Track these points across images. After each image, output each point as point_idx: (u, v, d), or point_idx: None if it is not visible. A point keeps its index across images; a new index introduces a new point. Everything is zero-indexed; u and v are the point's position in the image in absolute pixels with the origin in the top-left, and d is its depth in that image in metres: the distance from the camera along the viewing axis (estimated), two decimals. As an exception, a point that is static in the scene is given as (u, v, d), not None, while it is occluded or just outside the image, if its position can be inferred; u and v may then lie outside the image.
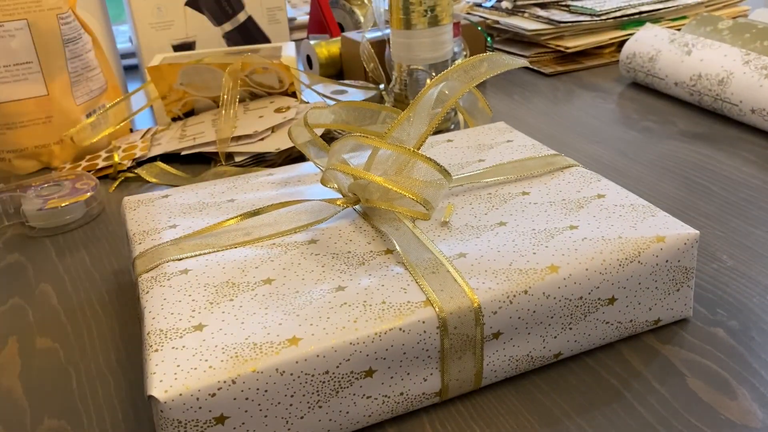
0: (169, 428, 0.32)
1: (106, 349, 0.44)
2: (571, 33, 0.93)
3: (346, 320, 0.35)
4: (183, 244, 0.42)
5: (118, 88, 0.78)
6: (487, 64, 0.47)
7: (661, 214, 0.42)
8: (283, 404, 0.33)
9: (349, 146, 0.44)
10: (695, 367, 0.39)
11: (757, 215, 0.54)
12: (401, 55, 0.70)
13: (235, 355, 0.33)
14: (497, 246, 0.40)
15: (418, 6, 0.66)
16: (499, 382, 0.39)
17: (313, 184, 0.49)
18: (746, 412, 0.36)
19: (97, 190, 0.62)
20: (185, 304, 0.37)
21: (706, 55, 0.72)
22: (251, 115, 0.71)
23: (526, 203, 0.44)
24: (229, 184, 0.50)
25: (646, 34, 0.80)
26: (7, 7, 0.65)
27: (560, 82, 0.87)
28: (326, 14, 0.99)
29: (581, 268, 0.38)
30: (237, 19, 0.90)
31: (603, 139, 0.69)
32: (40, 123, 0.69)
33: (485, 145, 0.53)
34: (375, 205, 0.42)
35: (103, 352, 0.44)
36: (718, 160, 0.63)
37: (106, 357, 0.43)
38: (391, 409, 0.36)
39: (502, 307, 0.36)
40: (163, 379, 0.32)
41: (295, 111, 0.71)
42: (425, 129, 0.43)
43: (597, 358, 0.40)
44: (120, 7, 0.93)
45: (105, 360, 0.43)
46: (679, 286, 0.41)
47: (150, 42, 0.87)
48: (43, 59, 0.67)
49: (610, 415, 0.36)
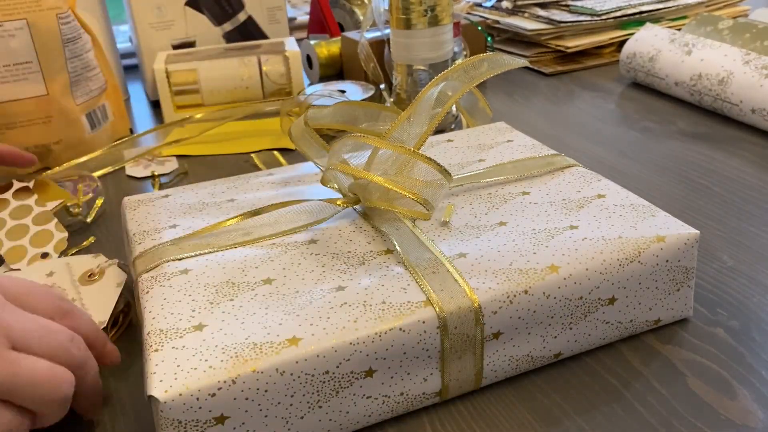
0: (169, 428, 0.32)
1: (106, 349, 0.44)
2: (571, 33, 0.93)
3: (346, 320, 0.35)
4: (183, 244, 0.42)
5: (118, 88, 0.78)
6: (487, 64, 0.47)
7: (661, 214, 0.42)
8: (283, 404, 0.33)
9: (349, 146, 0.44)
10: (695, 367, 0.39)
11: (757, 215, 0.54)
12: (401, 55, 0.69)
13: (235, 355, 0.33)
14: (497, 246, 0.40)
15: (418, 6, 0.66)
16: (499, 382, 0.39)
17: (313, 184, 0.49)
18: (746, 412, 0.36)
19: (98, 191, 0.62)
20: (185, 304, 0.37)
21: (707, 55, 0.72)
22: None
23: (527, 203, 0.44)
24: (229, 184, 0.50)
25: (646, 34, 0.80)
26: (7, 7, 0.65)
27: (560, 82, 0.87)
28: (326, 14, 0.99)
29: (581, 268, 0.38)
30: (237, 19, 0.90)
31: (603, 139, 0.69)
32: (40, 123, 0.69)
33: (485, 145, 0.53)
34: (375, 205, 0.42)
35: (103, 352, 0.44)
36: (718, 160, 0.63)
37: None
38: (391, 409, 0.36)
39: (502, 307, 0.36)
40: (163, 379, 0.32)
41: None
42: (425, 129, 0.43)
43: (597, 358, 0.40)
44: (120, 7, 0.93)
45: (105, 360, 0.43)
46: (679, 286, 0.41)
47: (150, 42, 0.87)
48: (43, 59, 0.67)
49: (610, 415, 0.36)
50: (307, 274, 0.39)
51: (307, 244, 0.41)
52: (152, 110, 0.88)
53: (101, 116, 0.75)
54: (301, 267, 0.39)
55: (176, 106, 0.80)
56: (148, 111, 0.87)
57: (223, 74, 0.80)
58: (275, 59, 0.81)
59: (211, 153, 0.72)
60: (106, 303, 0.44)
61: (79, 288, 0.46)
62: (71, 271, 0.47)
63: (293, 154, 0.70)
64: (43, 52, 0.67)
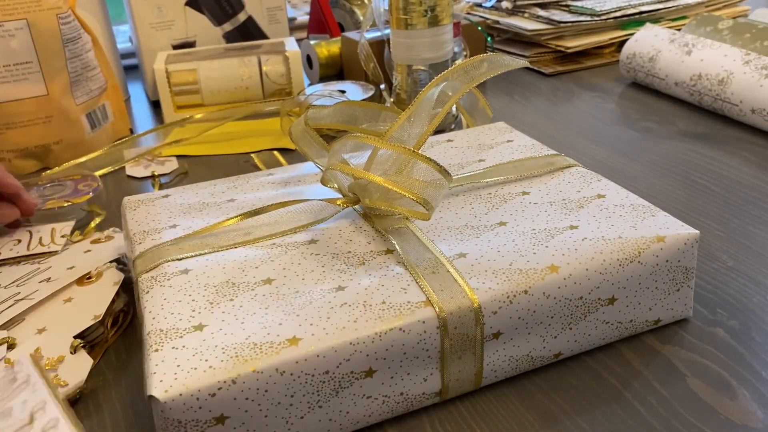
0: (169, 428, 0.32)
1: (105, 348, 0.44)
2: (571, 33, 0.93)
3: (346, 320, 0.35)
4: (183, 244, 0.42)
5: (118, 88, 0.78)
6: (487, 64, 0.47)
7: (661, 214, 0.42)
8: (283, 404, 0.33)
9: (349, 146, 0.44)
10: (695, 367, 0.39)
11: (757, 215, 0.54)
12: (401, 55, 0.69)
13: (235, 355, 0.33)
14: (497, 246, 0.40)
15: (418, 6, 0.66)
16: (499, 382, 0.39)
17: (313, 184, 0.49)
18: (746, 412, 0.36)
19: (99, 191, 0.62)
20: (185, 304, 0.37)
21: (706, 55, 0.72)
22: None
23: (526, 203, 0.44)
24: (230, 184, 0.50)
25: (646, 34, 0.80)
26: (7, 7, 0.65)
27: (560, 82, 0.87)
28: (326, 14, 0.99)
29: (581, 268, 0.38)
30: (237, 19, 0.90)
31: (603, 139, 0.69)
32: (40, 123, 0.69)
33: (485, 145, 0.53)
34: (375, 205, 0.42)
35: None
36: (718, 160, 0.63)
37: (106, 357, 0.43)
38: (391, 409, 0.36)
39: (502, 307, 0.36)
40: (163, 379, 0.32)
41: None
42: (425, 129, 0.43)
43: (597, 358, 0.40)
44: (120, 7, 0.93)
45: (105, 360, 0.43)
46: (679, 286, 0.41)
47: (150, 42, 0.87)
48: (43, 59, 0.67)
49: (610, 415, 0.36)
50: (307, 274, 0.39)
51: (307, 244, 0.41)
52: (152, 110, 0.88)
53: (101, 116, 0.75)
54: (301, 267, 0.39)
55: (176, 106, 0.80)
56: (148, 111, 0.87)
57: (223, 74, 0.80)
58: (275, 59, 0.81)
59: (211, 153, 0.72)
60: (102, 299, 0.44)
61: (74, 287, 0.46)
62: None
63: (293, 154, 0.70)
64: (43, 52, 0.67)
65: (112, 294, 0.45)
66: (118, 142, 0.73)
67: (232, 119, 0.76)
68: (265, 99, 0.82)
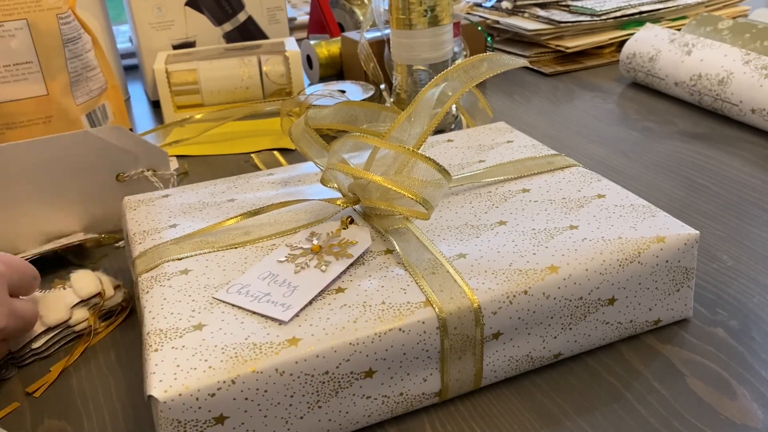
0: (168, 428, 0.32)
1: (106, 348, 0.44)
2: (571, 33, 0.93)
3: (345, 321, 0.35)
4: (183, 244, 0.42)
5: (118, 88, 0.78)
6: (487, 64, 0.47)
7: (661, 214, 0.42)
8: (282, 404, 0.33)
9: (349, 146, 0.44)
10: (695, 367, 0.39)
11: (757, 215, 0.54)
12: (401, 55, 0.69)
13: (234, 355, 0.33)
14: (497, 246, 0.40)
15: (418, 6, 0.66)
16: (499, 382, 0.39)
17: (313, 184, 0.49)
18: (746, 412, 0.36)
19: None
20: (185, 304, 0.37)
21: (706, 55, 0.72)
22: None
23: (527, 201, 0.44)
24: (230, 183, 0.50)
25: (646, 34, 0.80)
26: (7, 7, 0.65)
27: (560, 82, 0.87)
28: (326, 14, 0.99)
29: (581, 268, 0.38)
30: (237, 19, 0.90)
31: (603, 139, 0.69)
32: (40, 123, 0.69)
33: (485, 145, 0.53)
34: (375, 205, 0.42)
35: (103, 352, 0.44)
36: (718, 160, 0.63)
37: (106, 357, 0.43)
38: (391, 409, 0.36)
39: (501, 307, 0.36)
40: (162, 379, 0.32)
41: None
42: (425, 129, 0.43)
43: (597, 358, 0.40)
44: (120, 7, 0.93)
45: (105, 360, 0.43)
46: (679, 287, 0.41)
47: (150, 42, 0.87)
48: (43, 59, 0.67)
49: (610, 415, 0.36)
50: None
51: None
52: (152, 110, 0.88)
53: (101, 116, 0.75)
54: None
55: (176, 106, 0.80)
56: (148, 111, 0.87)
57: (223, 74, 0.80)
58: (275, 59, 0.81)
59: (211, 153, 0.72)
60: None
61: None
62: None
63: (293, 154, 0.70)
64: (43, 52, 0.67)
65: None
66: None
67: (232, 119, 0.76)
68: (265, 99, 0.82)
